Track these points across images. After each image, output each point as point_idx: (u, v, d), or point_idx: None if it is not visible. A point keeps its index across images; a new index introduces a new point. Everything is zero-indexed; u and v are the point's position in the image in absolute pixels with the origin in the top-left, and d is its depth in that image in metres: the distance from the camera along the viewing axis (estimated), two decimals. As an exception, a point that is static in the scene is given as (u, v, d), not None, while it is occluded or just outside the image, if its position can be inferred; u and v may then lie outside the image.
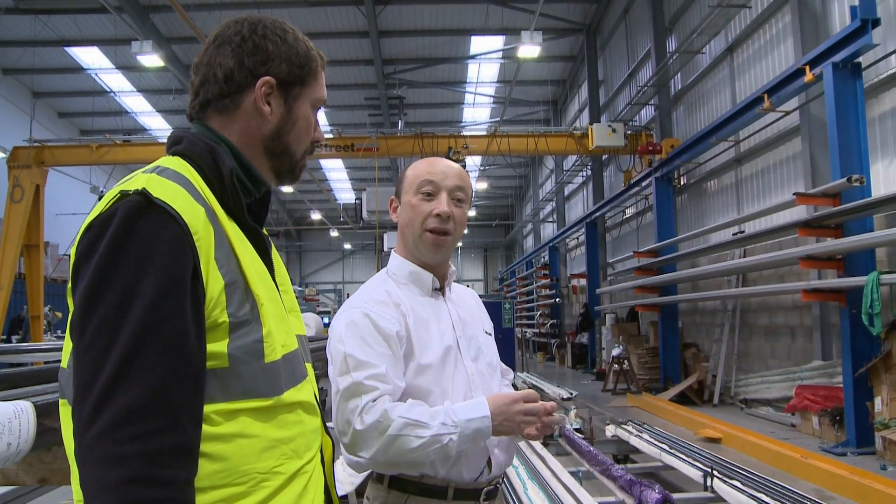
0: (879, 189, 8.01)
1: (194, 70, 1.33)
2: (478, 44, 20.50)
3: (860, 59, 7.83)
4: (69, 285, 1.11)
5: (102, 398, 0.99)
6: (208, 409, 1.10)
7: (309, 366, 1.37)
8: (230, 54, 1.30)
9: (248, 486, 1.13)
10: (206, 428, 1.09)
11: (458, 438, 1.67)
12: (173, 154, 1.26)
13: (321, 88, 1.40)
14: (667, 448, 6.31)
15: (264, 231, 1.35)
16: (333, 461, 1.45)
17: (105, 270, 1.03)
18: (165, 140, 1.34)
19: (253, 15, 1.36)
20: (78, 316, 1.04)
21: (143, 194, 1.08)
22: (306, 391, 1.30)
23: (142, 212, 1.06)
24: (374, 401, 1.69)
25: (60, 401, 1.18)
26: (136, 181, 1.11)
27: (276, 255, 1.39)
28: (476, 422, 1.67)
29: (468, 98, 24.39)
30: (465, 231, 2.12)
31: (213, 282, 1.12)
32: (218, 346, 1.12)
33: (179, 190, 1.13)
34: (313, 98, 1.38)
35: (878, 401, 7.21)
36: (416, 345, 1.84)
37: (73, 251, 1.10)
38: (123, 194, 1.08)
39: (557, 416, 1.88)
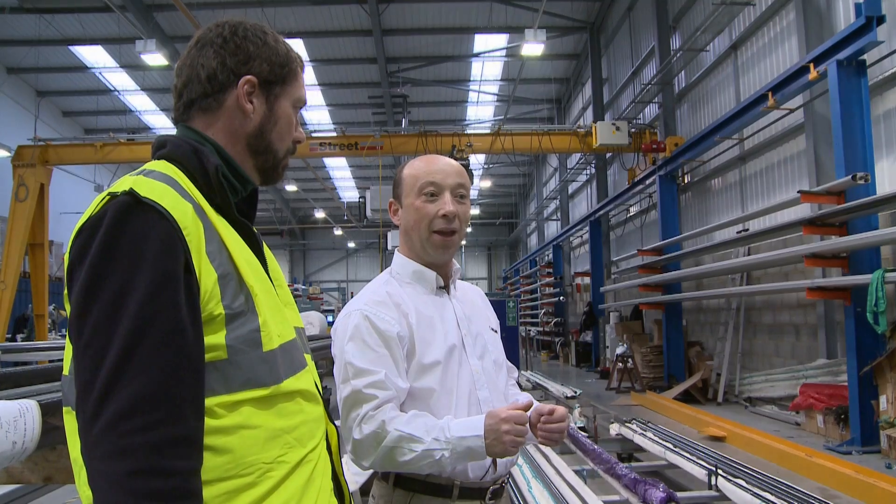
0: (884, 187, 7.98)
1: (177, 73, 1.36)
2: (481, 42, 20.47)
3: (865, 56, 7.80)
4: (66, 289, 1.12)
5: (104, 394, 1.01)
6: (210, 402, 1.12)
7: (308, 356, 1.39)
8: (212, 55, 1.33)
9: (255, 477, 1.15)
10: (209, 421, 1.11)
11: (451, 455, 1.67)
12: (158, 158, 1.29)
13: (301, 88, 1.44)
14: (671, 446, 6.31)
15: (254, 228, 1.37)
16: (340, 448, 1.47)
17: (98, 270, 1.05)
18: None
19: (232, 18, 1.40)
20: (75, 317, 1.06)
21: (131, 194, 1.10)
22: (306, 380, 1.32)
23: (130, 211, 1.09)
24: (375, 409, 1.71)
25: (64, 408, 1.19)
26: (122, 183, 1.13)
27: (268, 251, 1.41)
28: (469, 440, 1.66)
29: (472, 96, 24.35)
30: (469, 228, 2.12)
31: (206, 275, 1.14)
32: (216, 338, 1.14)
33: (166, 188, 1.15)
34: (294, 97, 1.42)
35: (883, 399, 7.20)
36: (418, 344, 1.84)
37: (66, 255, 1.12)
38: (112, 196, 1.10)
39: (559, 414, 1.84)
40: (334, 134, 16.66)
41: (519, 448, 1.71)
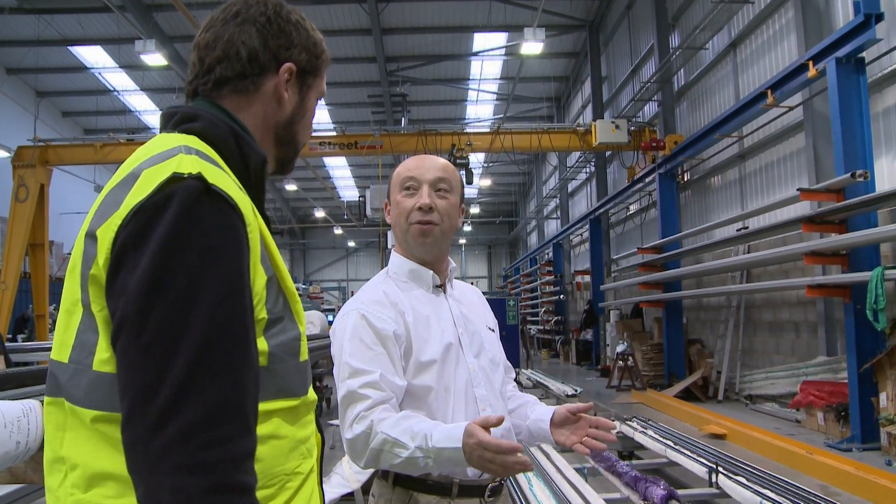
0: (884, 184, 7.98)
1: (206, 44, 1.25)
2: (481, 41, 20.47)
3: (864, 54, 7.80)
4: (94, 272, 1.00)
5: (174, 401, 0.92)
6: None
7: None
8: (255, 34, 1.23)
9: (276, 489, 1.10)
10: None
11: (434, 463, 1.66)
12: (186, 132, 1.15)
13: (324, 82, 1.39)
14: (672, 444, 6.31)
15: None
16: (322, 457, 1.45)
17: (166, 261, 0.95)
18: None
19: None
20: (134, 310, 0.94)
21: (201, 179, 1.00)
22: (312, 390, 1.29)
23: (201, 198, 0.98)
24: (368, 410, 1.72)
25: (50, 398, 1.08)
26: (183, 163, 1.02)
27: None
28: (448, 452, 1.64)
29: (471, 95, 24.36)
30: (468, 227, 2.13)
31: (259, 276, 1.06)
32: (260, 344, 1.07)
33: (226, 177, 1.06)
34: (319, 91, 1.36)
35: (883, 396, 7.20)
36: (415, 342, 1.86)
37: (108, 235, 0.99)
38: (177, 177, 0.99)
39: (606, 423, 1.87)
40: (334, 133, 16.65)
41: (501, 474, 1.66)
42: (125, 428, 0.94)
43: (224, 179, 1.04)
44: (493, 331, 2.11)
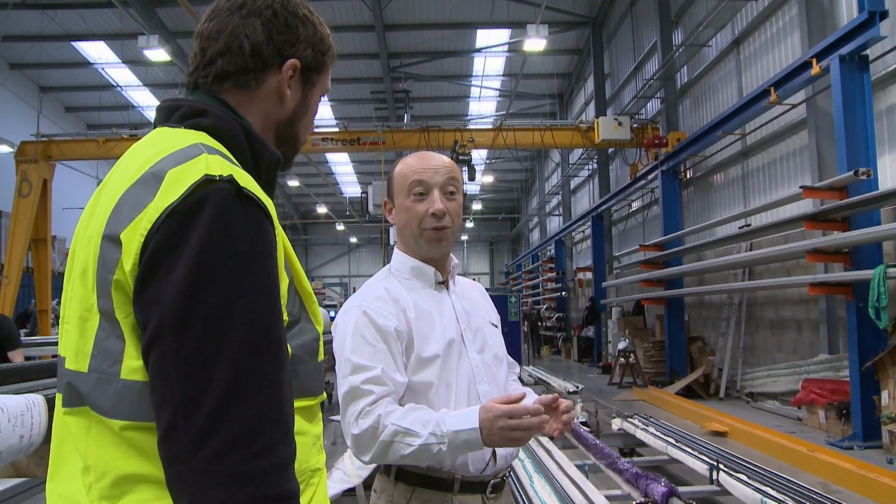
0: (886, 182, 7.97)
1: (209, 35, 1.20)
2: (483, 37, 20.44)
3: (867, 51, 7.78)
4: (118, 277, 0.97)
5: (217, 412, 0.90)
6: None
7: None
8: (260, 27, 1.19)
9: (304, 486, 1.09)
10: None
11: (449, 449, 1.67)
12: (194, 127, 1.11)
13: (329, 78, 1.34)
14: (673, 441, 6.32)
15: None
16: None
17: (204, 268, 0.92)
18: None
19: None
20: (172, 319, 0.91)
21: (233, 182, 0.97)
22: None
23: (233, 203, 0.96)
24: (372, 405, 1.72)
25: (70, 409, 1.03)
26: (212, 164, 0.99)
27: None
28: (464, 433, 1.65)
29: (474, 91, 24.34)
30: (471, 224, 2.13)
31: (283, 279, 1.05)
32: None
33: (252, 179, 1.03)
34: (324, 87, 1.32)
35: (884, 394, 7.20)
36: (416, 338, 1.86)
37: (135, 239, 0.95)
38: (209, 179, 0.96)
39: (566, 405, 1.89)
40: (336, 129, 16.66)
41: (521, 442, 1.71)
42: (164, 442, 0.92)
43: (252, 182, 1.02)
44: (496, 327, 2.11)
